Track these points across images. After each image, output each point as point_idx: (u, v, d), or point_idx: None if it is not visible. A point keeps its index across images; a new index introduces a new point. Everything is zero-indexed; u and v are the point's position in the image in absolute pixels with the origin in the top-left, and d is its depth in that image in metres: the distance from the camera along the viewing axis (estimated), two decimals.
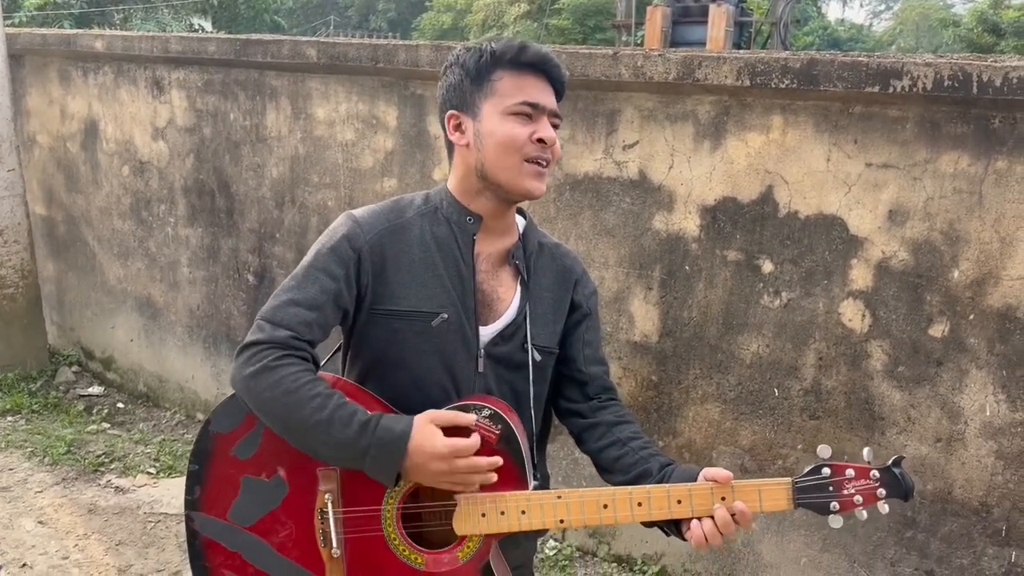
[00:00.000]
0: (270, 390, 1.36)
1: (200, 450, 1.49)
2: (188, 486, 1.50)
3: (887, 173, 2.43)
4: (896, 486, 1.32)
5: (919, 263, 2.41)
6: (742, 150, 2.64)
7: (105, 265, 4.70)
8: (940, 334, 2.40)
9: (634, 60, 2.70)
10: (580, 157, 2.94)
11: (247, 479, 1.46)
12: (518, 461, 1.39)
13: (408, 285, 1.46)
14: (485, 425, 1.38)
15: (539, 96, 1.44)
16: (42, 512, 3.42)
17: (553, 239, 1.65)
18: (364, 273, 1.45)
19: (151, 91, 4.23)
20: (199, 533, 1.50)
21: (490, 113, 1.45)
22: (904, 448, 2.49)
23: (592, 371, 1.59)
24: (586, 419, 1.58)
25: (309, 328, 1.41)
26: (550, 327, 1.56)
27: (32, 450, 3.91)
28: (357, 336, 1.51)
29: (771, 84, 2.49)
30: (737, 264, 2.70)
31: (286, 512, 1.44)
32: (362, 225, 1.47)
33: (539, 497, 1.37)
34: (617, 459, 1.51)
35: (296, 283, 1.44)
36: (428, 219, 1.50)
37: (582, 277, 1.62)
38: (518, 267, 1.53)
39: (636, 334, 2.92)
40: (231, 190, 4.00)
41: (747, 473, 2.76)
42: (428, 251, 1.48)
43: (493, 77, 1.45)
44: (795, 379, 2.65)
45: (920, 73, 2.27)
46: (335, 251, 1.44)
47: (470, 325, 1.48)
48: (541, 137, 1.43)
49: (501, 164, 1.44)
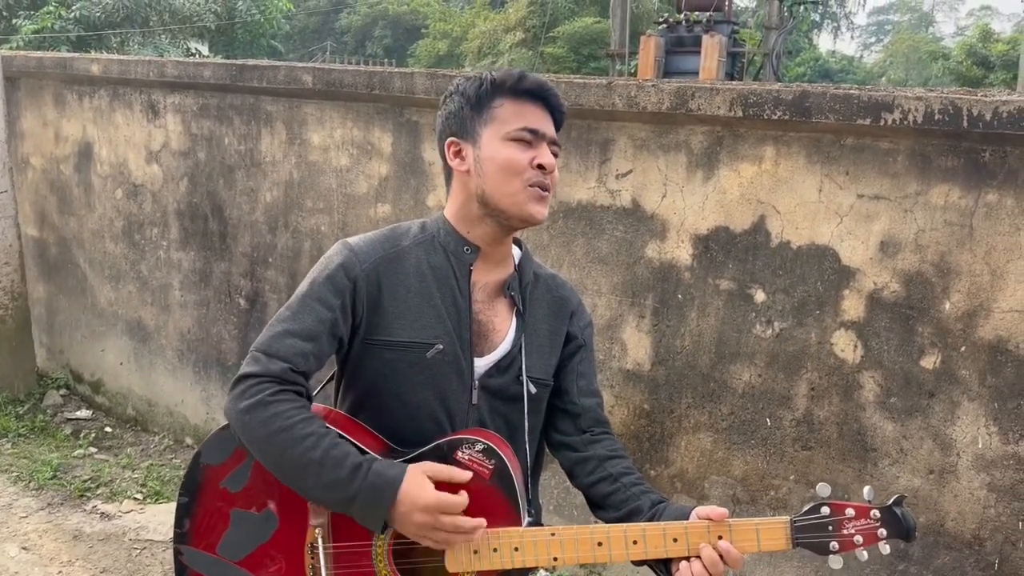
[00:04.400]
0: (264, 426, 1.34)
1: (190, 482, 1.47)
2: (177, 518, 1.48)
3: (878, 204, 2.44)
4: (897, 525, 1.30)
5: (911, 294, 2.42)
6: (735, 180, 2.65)
7: (96, 288, 4.68)
8: (932, 365, 2.40)
9: (628, 90, 2.72)
10: (574, 185, 2.95)
11: (237, 512, 1.44)
12: (511, 497, 1.36)
13: (403, 315, 1.45)
14: (479, 460, 1.36)
15: (538, 123, 1.45)
16: (26, 538, 3.37)
17: (549, 270, 1.64)
18: (360, 302, 1.44)
19: (146, 115, 4.24)
20: (188, 568, 1.48)
21: (490, 139, 1.45)
22: (896, 479, 2.48)
23: (585, 403, 1.57)
24: (578, 452, 1.55)
25: (305, 359, 1.39)
26: (545, 359, 1.55)
27: (18, 474, 3.86)
28: (351, 365, 1.49)
29: (764, 115, 2.51)
30: (729, 293, 2.70)
31: (276, 547, 1.42)
32: (358, 254, 1.46)
33: (533, 534, 1.35)
34: (608, 495, 1.49)
35: (292, 313, 1.42)
36: (424, 248, 1.49)
37: (578, 308, 1.61)
38: (514, 298, 1.52)
39: (628, 362, 2.92)
40: (224, 214, 3.99)
41: (739, 504, 2.75)
42: (424, 281, 1.46)
43: (493, 104, 1.46)
44: (787, 409, 2.64)
45: (911, 106, 2.29)
46: (331, 280, 1.43)
47: (465, 356, 1.46)
48: (541, 163, 1.44)
49: (503, 189, 1.44)
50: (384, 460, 1.35)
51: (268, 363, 1.37)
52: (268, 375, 1.36)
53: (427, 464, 1.35)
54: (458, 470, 1.35)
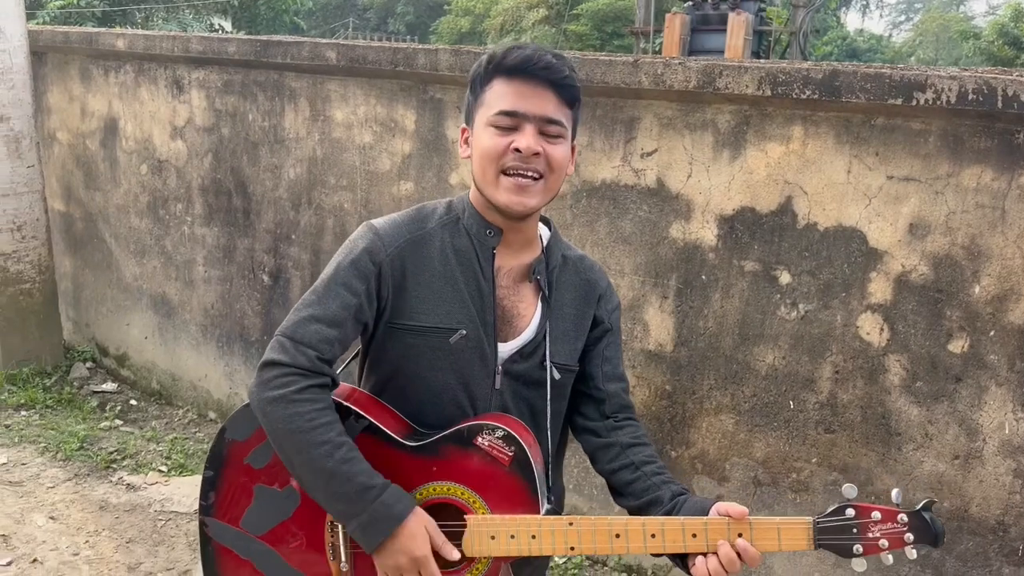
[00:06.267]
0: (284, 423, 1.35)
1: (215, 456, 1.49)
2: (203, 491, 1.50)
3: (908, 186, 2.40)
4: (925, 531, 1.26)
5: (939, 278, 2.38)
6: (762, 160, 2.62)
7: (121, 262, 4.73)
8: (959, 350, 2.37)
9: (654, 68, 2.69)
10: (598, 164, 2.93)
11: (260, 488, 1.46)
12: (530, 484, 1.36)
13: (427, 300, 1.43)
14: (499, 446, 1.36)
15: (522, 103, 1.37)
16: (54, 508, 3.43)
17: (578, 251, 1.61)
18: (384, 286, 1.43)
19: (171, 90, 4.25)
20: (212, 539, 1.50)
21: (479, 124, 1.41)
22: (921, 464, 2.46)
23: (610, 389, 1.55)
24: (600, 438, 1.54)
25: (331, 346, 1.39)
26: (571, 344, 1.52)
27: (45, 445, 3.93)
28: (375, 347, 1.49)
29: (792, 94, 2.47)
30: (754, 275, 2.68)
31: (297, 523, 1.44)
32: (383, 237, 1.44)
33: (550, 523, 1.34)
34: (629, 483, 1.48)
35: (317, 298, 1.41)
36: (449, 230, 1.47)
37: (606, 292, 1.58)
38: (539, 283, 1.49)
39: (651, 343, 2.91)
40: (248, 190, 4.01)
41: (760, 486, 2.74)
42: (448, 265, 1.44)
43: (487, 87, 1.41)
44: (811, 392, 2.62)
45: (944, 86, 2.25)
46: (356, 265, 1.42)
47: (488, 342, 1.45)
48: (517, 147, 1.36)
49: (483, 177, 1.40)
50: (394, 489, 1.34)
51: (295, 352, 1.36)
52: (295, 366, 1.36)
53: (431, 522, 1.35)
54: (450, 548, 1.35)
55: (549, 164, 1.38)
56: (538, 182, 1.38)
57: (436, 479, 1.39)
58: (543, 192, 1.40)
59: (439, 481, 1.39)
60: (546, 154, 1.37)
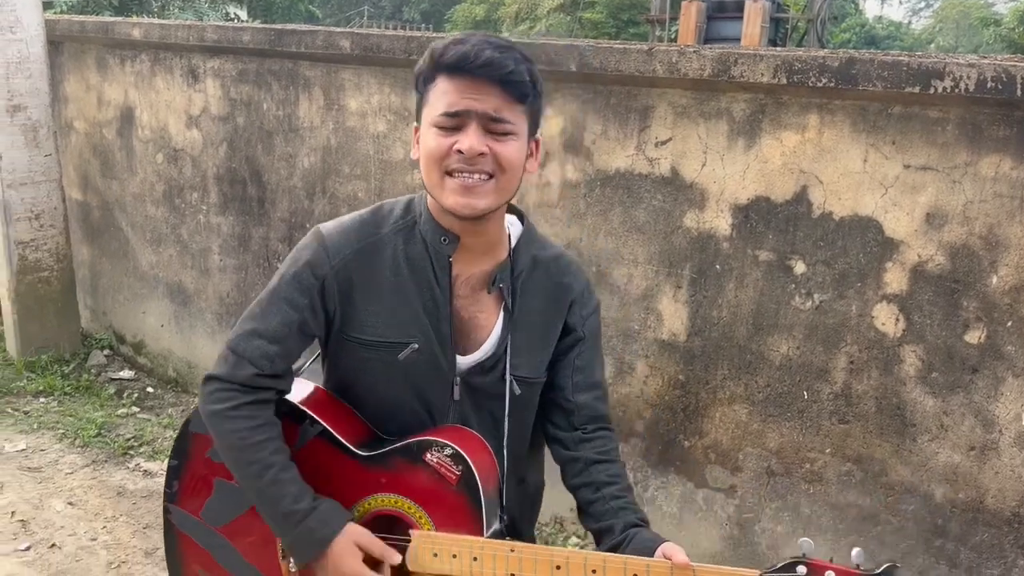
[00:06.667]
0: (221, 438, 1.37)
1: (180, 448, 1.52)
2: (167, 479, 1.54)
3: (926, 175, 2.38)
4: None
5: (956, 268, 2.36)
6: (777, 149, 2.60)
7: (138, 251, 4.76)
8: (976, 340, 2.36)
9: (669, 56, 2.67)
10: (612, 153, 2.92)
11: (219, 481, 1.47)
12: (475, 505, 1.34)
13: (377, 313, 1.38)
14: (447, 464, 1.34)
15: (463, 102, 1.27)
16: (72, 493, 3.47)
17: (554, 249, 1.50)
18: (330, 299, 1.38)
19: (186, 79, 4.26)
20: (175, 526, 1.54)
21: (424, 124, 1.33)
22: (936, 455, 2.44)
23: (580, 400, 1.48)
24: (568, 451, 1.48)
25: (272, 362, 1.37)
26: (536, 355, 1.46)
27: (63, 432, 3.98)
28: (331, 354, 1.46)
29: (808, 82, 2.45)
30: (769, 264, 2.67)
31: (252, 519, 1.44)
32: (328, 248, 1.38)
33: (493, 547, 1.32)
34: (589, 503, 1.43)
35: (261, 310, 1.39)
36: (403, 236, 1.39)
37: (580, 296, 1.48)
38: (502, 292, 1.41)
39: (664, 332, 2.90)
40: (263, 179, 4.02)
41: (774, 476, 2.74)
42: (400, 275, 1.38)
43: (431, 85, 1.31)
44: (825, 382, 2.61)
45: (963, 74, 2.22)
46: (297, 279, 1.38)
47: (445, 354, 1.39)
48: (460, 148, 1.26)
49: (429, 180, 1.32)
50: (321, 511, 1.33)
51: (235, 367, 1.36)
52: (233, 382, 1.36)
53: (365, 536, 1.33)
54: (391, 552, 1.33)
55: (499, 163, 1.29)
56: (488, 182, 1.29)
57: (384, 491, 1.38)
58: (495, 192, 1.31)
59: (387, 493, 1.38)
60: (494, 153, 1.28)
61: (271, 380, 1.38)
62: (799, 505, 2.71)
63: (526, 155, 1.35)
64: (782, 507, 2.74)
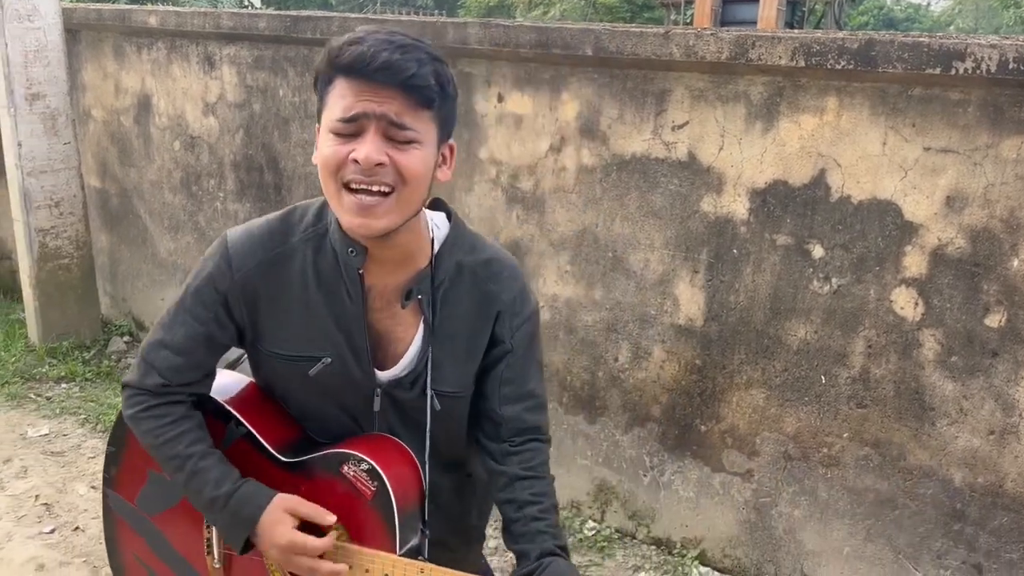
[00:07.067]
0: (141, 439, 1.39)
1: (117, 436, 1.53)
2: (106, 464, 1.55)
3: (946, 158, 2.36)
4: None
5: (977, 251, 2.35)
6: (795, 132, 2.59)
7: (156, 238, 4.80)
8: (997, 324, 2.34)
9: (686, 39, 2.66)
10: (628, 138, 2.91)
11: (153, 473, 1.49)
12: (389, 522, 1.32)
13: (285, 327, 1.34)
14: (363, 479, 1.33)
15: (360, 106, 1.15)
16: (94, 477, 3.51)
17: (486, 252, 1.38)
18: (236, 311, 1.34)
19: (202, 67, 4.28)
20: (112, 510, 1.56)
21: (322, 129, 1.21)
22: (955, 439, 2.44)
23: (508, 413, 1.39)
24: (495, 463, 1.41)
25: (178, 373, 1.36)
26: (460, 367, 1.38)
27: (85, 417, 4.02)
28: (250, 361, 1.45)
29: (827, 65, 2.43)
30: (786, 249, 2.66)
31: (182, 512, 1.46)
32: (232, 260, 1.31)
33: (404, 565, 1.31)
34: (511, 521, 1.38)
35: (169, 321, 1.37)
36: (313, 246, 1.31)
37: (510, 305, 1.37)
38: (420, 304, 1.33)
39: (681, 318, 2.90)
40: (279, 166, 4.04)
41: (791, 460, 2.74)
42: (308, 289, 1.31)
43: (329, 86, 1.19)
44: (843, 366, 2.61)
45: (984, 55, 2.20)
46: (199, 293, 1.34)
47: (361, 368, 1.35)
48: (355, 157, 1.14)
49: (326, 191, 1.21)
50: (243, 492, 1.33)
51: (144, 375, 1.37)
52: (143, 389, 1.37)
53: (293, 500, 1.32)
54: (323, 512, 1.31)
55: (400, 175, 1.17)
56: (388, 198, 1.17)
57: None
58: (396, 209, 1.19)
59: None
60: (395, 163, 1.16)
61: (180, 388, 1.38)
62: (816, 489, 2.71)
63: (435, 163, 1.24)
64: (799, 491, 2.74)
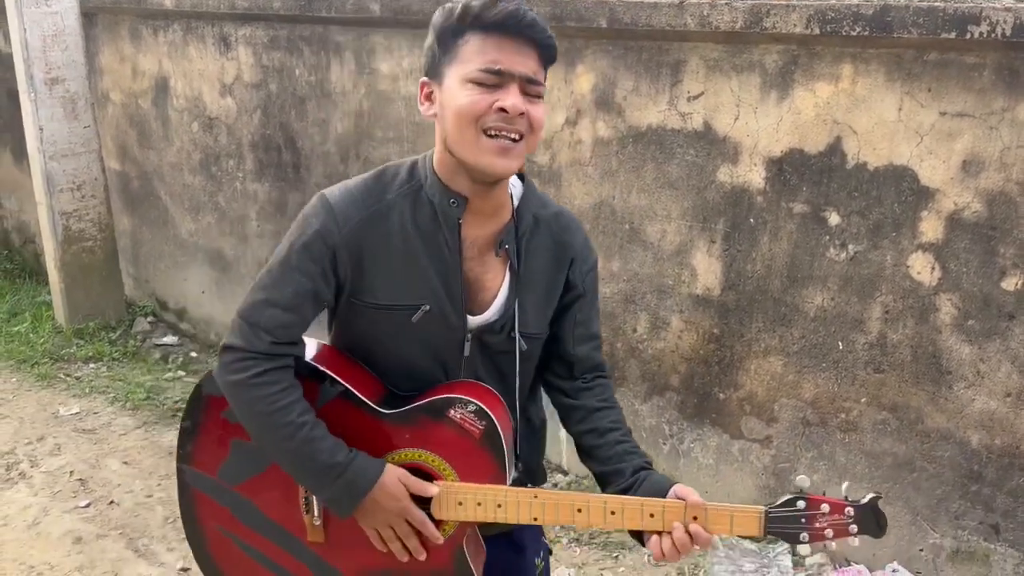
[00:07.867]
0: (245, 407, 1.39)
1: (192, 409, 1.54)
2: (180, 440, 1.56)
3: (962, 122, 2.36)
4: (869, 523, 1.34)
5: (993, 215, 2.36)
6: (810, 100, 2.59)
7: (177, 219, 4.86)
8: (1013, 287, 2.36)
9: (700, 9, 2.66)
10: (644, 109, 2.92)
11: (236, 442, 1.50)
12: (499, 457, 1.40)
13: (387, 277, 1.40)
14: (470, 420, 1.39)
15: (507, 61, 1.28)
16: (126, 453, 3.61)
17: (554, 207, 1.52)
18: (341, 266, 1.39)
19: (218, 48, 4.31)
20: (190, 486, 1.56)
21: (452, 80, 1.30)
22: (972, 402, 2.46)
23: (580, 352, 1.53)
24: (569, 399, 1.54)
25: (287, 330, 1.39)
26: (541, 312, 1.50)
27: (114, 395, 4.11)
28: (340, 317, 1.48)
29: (842, 32, 2.43)
30: (803, 217, 2.67)
31: (272, 477, 1.47)
32: (337, 217, 1.37)
33: (516, 494, 1.39)
34: (594, 447, 1.50)
35: (272, 280, 1.39)
36: (411, 200, 1.40)
37: (580, 252, 1.51)
38: (508, 253, 1.44)
39: (698, 287, 2.93)
40: (297, 145, 4.08)
41: (809, 426, 2.77)
42: (409, 240, 1.39)
43: (460, 40, 1.30)
44: (860, 332, 2.63)
45: (1000, 18, 2.20)
46: (308, 249, 1.37)
47: (456, 314, 1.42)
48: (503, 106, 1.27)
49: (459, 138, 1.30)
50: (359, 463, 1.37)
51: (252, 337, 1.37)
52: (252, 351, 1.37)
53: (404, 474, 1.39)
54: (428, 485, 1.39)
55: (531, 125, 1.31)
56: (519, 143, 1.31)
57: (409, 446, 1.42)
58: (523, 154, 1.33)
59: (411, 448, 1.43)
60: (529, 115, 1.30)
61: (288, 347, 1.40)
62: (835, 454, 2.74)
63: None
64: (818, 456, 2.78)
